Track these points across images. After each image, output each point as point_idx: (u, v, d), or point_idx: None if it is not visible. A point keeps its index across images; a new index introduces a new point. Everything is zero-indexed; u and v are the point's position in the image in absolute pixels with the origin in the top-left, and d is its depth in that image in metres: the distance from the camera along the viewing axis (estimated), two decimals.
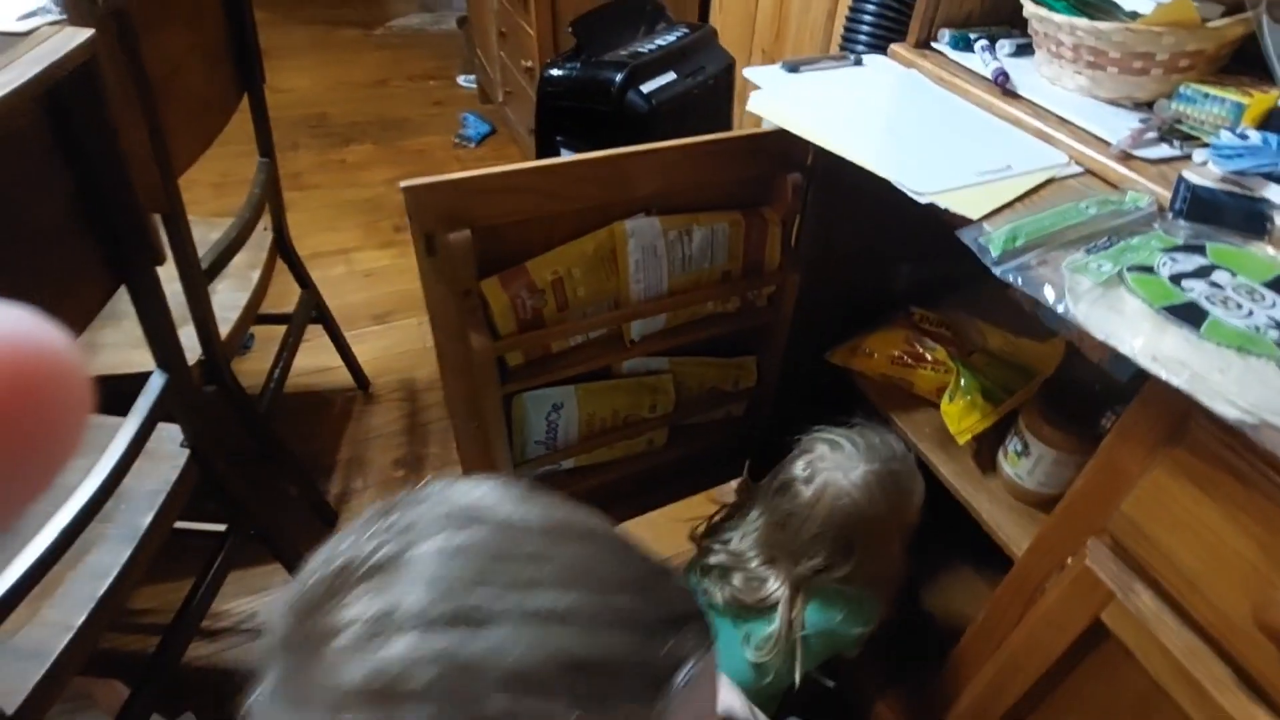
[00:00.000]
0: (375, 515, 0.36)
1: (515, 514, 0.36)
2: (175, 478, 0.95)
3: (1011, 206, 0.68)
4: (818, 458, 0.94)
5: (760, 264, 1.01)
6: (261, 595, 1.33)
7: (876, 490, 0.90)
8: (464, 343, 0.86)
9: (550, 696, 0.30)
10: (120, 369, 1.10)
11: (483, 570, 0.32)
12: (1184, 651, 0.63)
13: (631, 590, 0.34)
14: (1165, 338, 0.55)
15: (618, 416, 1.08)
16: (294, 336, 1.44)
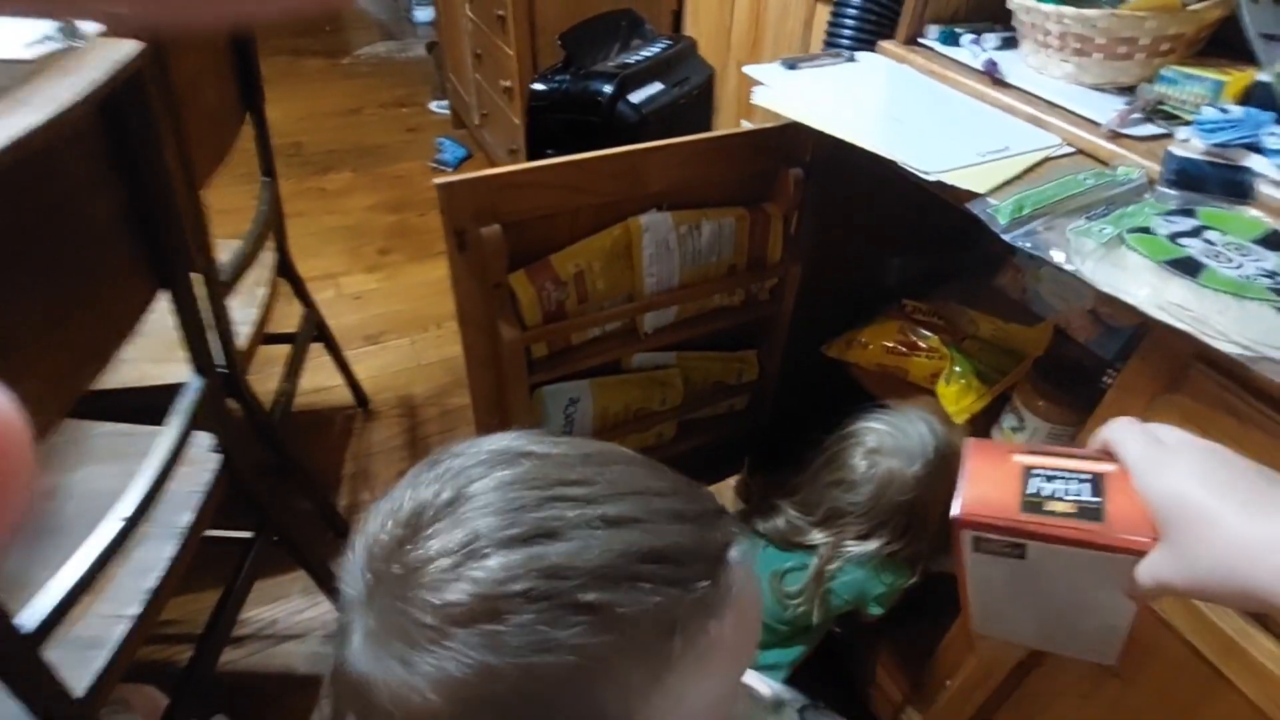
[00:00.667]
0: (420, 470, 0.39)
1: (553, 449, 0.40)
2: (209, 480, 0.96)
3: (1012, 183, 0.72)
4: (876, 450, 0.97)
5: (763, 258, 1.05)
6: (281, 603, 1.34)
7: (936, 480, 0.94)
8: (493, 335, 0.88)
9: (633, 585, 0.34)
10: (140, 382, 1.12)
11: (541, 494, 0.36)
12: (1240, 631, 0.63)
13: (672, 494, 0.39)
14: (1169, 287, 0.60)
15: (630, 410, 1.10)
16: (299, 353, 1.45)
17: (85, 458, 1.00)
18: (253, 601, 1.33)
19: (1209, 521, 0.36)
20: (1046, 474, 0.44)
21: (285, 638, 1.31)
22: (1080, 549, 0.42)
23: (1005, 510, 0.43)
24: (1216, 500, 0.36)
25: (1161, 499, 0.38)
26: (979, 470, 0.46)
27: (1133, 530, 0.40)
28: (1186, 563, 0.37)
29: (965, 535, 0.46)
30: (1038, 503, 0.43)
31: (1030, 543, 0.44)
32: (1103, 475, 0.43)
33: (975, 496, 0.44)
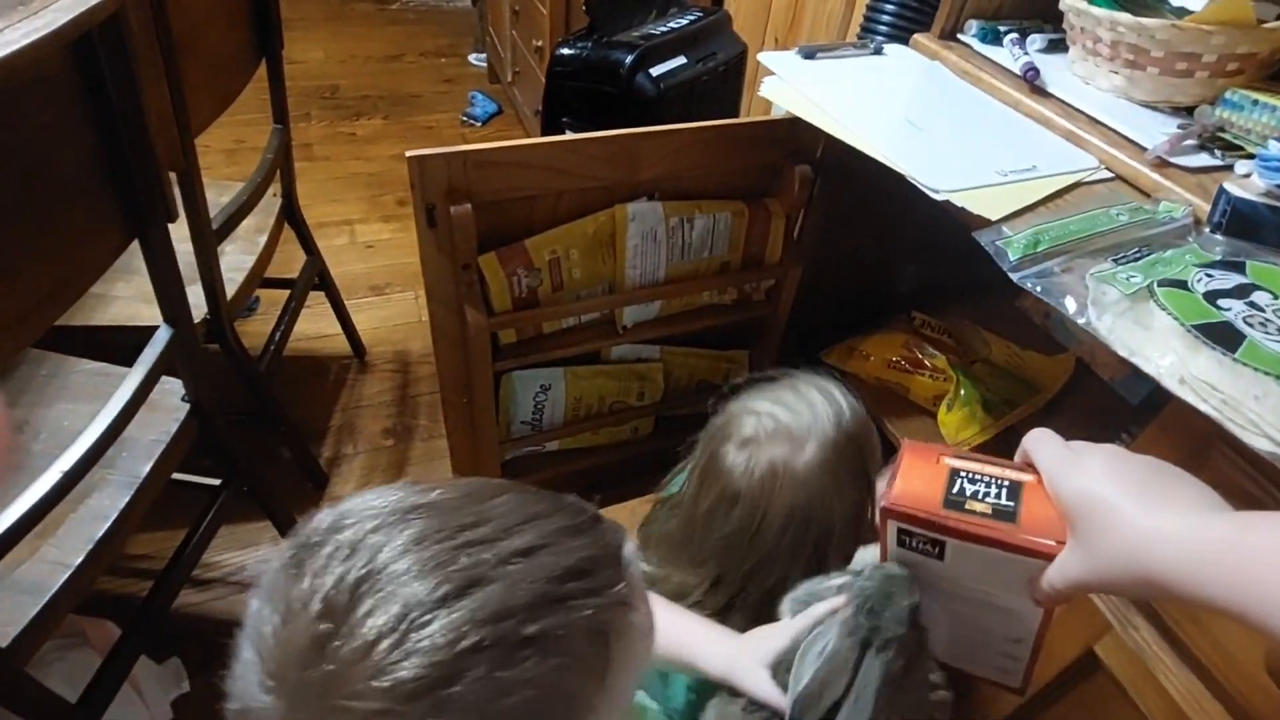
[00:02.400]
0: (297, 562, 0.36)
1: (434, 496, 0.38)
2: (175, 430, 0.93)
3: (1034, 210, 0.61)
4: (752, 439, 0.64)
5: (760, 257, 0.95)
6: (251, 550, 1.31)
7: (839, 471, 0.63)
8: (460, 316, 0.81)
9: (563, 606, 0.34)
10: (129, 321, 1.11)
11: (451, 545, 0.35)
12: (1181, 692, 0.58)
13: (556, 512, 0.38)
14: (1197, 358, 0.49)
15: (604, 402, 1.02)
16: (296, 301, 1.40)
17: (62, 394, 0.98)
18: (223, 546, 1.30)
19: (1112, 515, 0.37)
20: (970, 477, 0.46)
21: (250, 585, 1.27)
22: (992, 549, 0.44)
23: (929, 505, 0.45)
24: (1119, 495, 0.37)
25: (1071, 497, 0.40)
26: (911, 467, 0.47)
27: (1041, 533, 0.42)
28: (1092, 557, 0.38)
29: (891, 527, 0.48)
30: (959, 501, 0.45)
31: (949, 541, 0.46)
32: (1021, 484, 0.44)
33: (904, 490, 0.46)
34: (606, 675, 0.36)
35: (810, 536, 0.65)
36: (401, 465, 1.48)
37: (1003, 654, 0.52)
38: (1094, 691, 0.65)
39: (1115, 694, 0.62)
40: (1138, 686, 0.60)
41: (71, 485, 0.73)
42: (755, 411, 0.66)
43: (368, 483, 1.44)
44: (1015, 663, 0.51)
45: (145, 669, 1.09)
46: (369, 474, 1.46)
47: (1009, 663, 0.52)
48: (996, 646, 0.51)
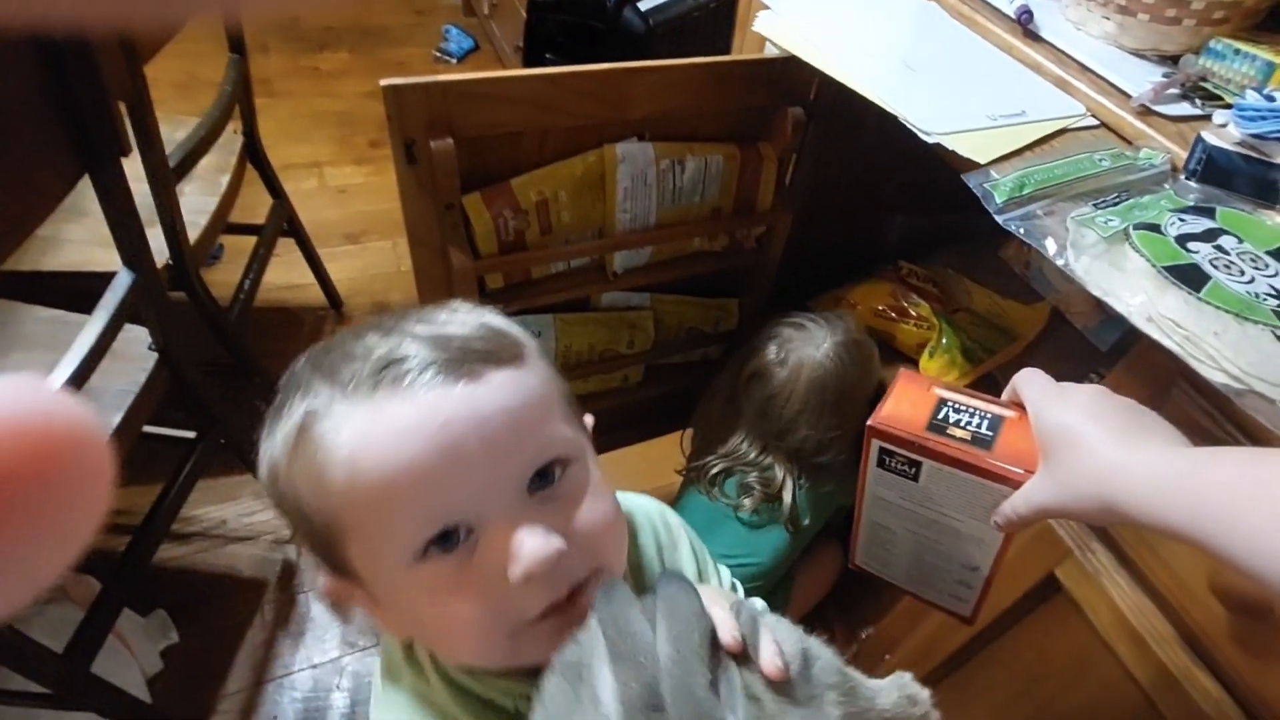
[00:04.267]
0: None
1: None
2: (144, 380, 0.93)
3: (1021, 154, 0.65)
4: (785, 340, 0.97)
5: (752, 202, 0.98)
6: (231, 504, 1.34)
7: (846, 358, 0.95)
8: (444, 259, 0.83)
9: None
10: (83, 266, 1.10)
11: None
12: (1132, 608, 0.64)
13: None
14: (1165, 298, 0.54)
15: (594, 350, 1.06)
16: (265, 248, 1.39)
17: (16, 343, 0.97)
18: (203, 500, 1.32)
19: (1086, 446, 0.42)
20: (956, 406, 0.51)
21: (233, 539, 1.31)
22: (964, 473, 0.49)
23: (912, 427, 0.50)
24: (1094, 429, 0.42)
25: (1050, 427, 0.44)
26: (904, 392, 0.53)
27: (1012, 462, 0.47)
28: (1059, 483, 0.43)
29: (874, 446, 0.53)
30: (941, 426, 0.50)
31: (925, 463, 0.51)
32: (1003, 418, 0.50)
33: (892, 411, 0.52)
34: None
35: (829, 400, 0.95)
36: None
37: (959, 582, 0.57)
38: (1053, 611, 0.72)
39: (1072, 613, 0.69)
40: (1093, 605, 0.66)
41: None
42: (780, 333, 0.97)
43: None
44: (970, 591, 0.57)
45: (130, 622, 1.13)
46: None
47: (964, 590, 0.57)
48: (954, 574, 0.57)
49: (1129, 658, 0.64)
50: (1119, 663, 0.65)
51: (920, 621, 0.92)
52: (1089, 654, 0.69)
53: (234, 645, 1.18)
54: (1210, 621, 0.58)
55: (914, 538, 0.58)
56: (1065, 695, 0.75)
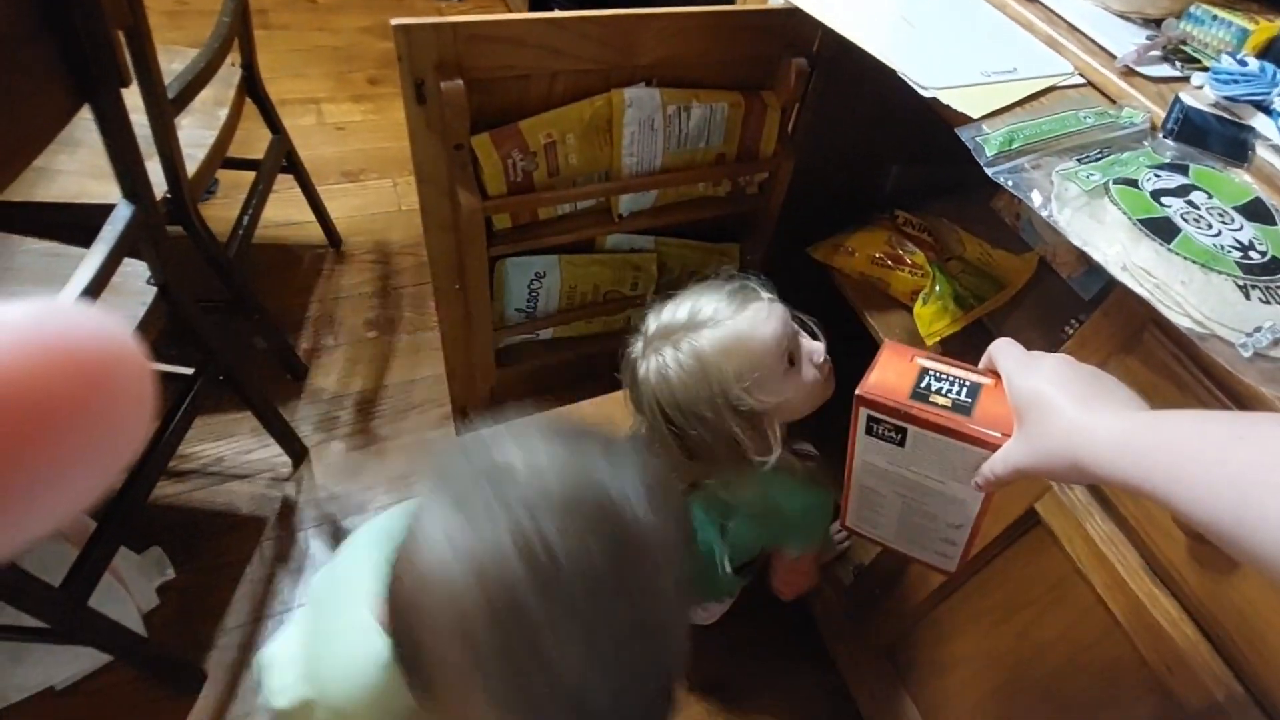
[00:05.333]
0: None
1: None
2: (142, 314, 0.93)
3: (1012, 110, 0.70)
4: (640, 335, 0.84)
5: (755, 149, 1.02)
6: (228, 441, 1.36)
7: (687, 371, 0.79)
8: (451, 199, 0.87)
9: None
10: (78, 198, 1.09)
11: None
12: (1104, 538, 0.71)
13: None
14: (1139, 248, 0.59)
15: (599, 291, 1.11)
16: (264, 183, 1.40)
17: (8, 276, 0.97)
18: (201, 437, 1.34)
19: (1054, 410, 0.47)
20: (937, 375, 0.56)
21: (231, 476, 1.32)
22: (947, 438, 0.53)
23: (898, 395, 0.55)
24: (1061, 395, 0.47)
25: (1022, 393, 0.49)
26: (888, 363, 0.58)
27: (990, 426, 0.52)
28: (1033, 445, 0.48)
29: (862, 414, 0.58)
30: (924, 395, 0.55)
31: (910, 429, 0.56)
32: (981, 385, 0.55)
33: (877, 381, 0.57)
34: None
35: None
36: (386, 358, 1.53)
37: (944, 539, 0.63)
38: (1033, 543, 0.79)
39: (1050, 544, 0.75)
40: (1068, 535, 0.73)
41: None
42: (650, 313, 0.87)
43: (351, 375, 1.50)
44: (953, 547, 0.62)
45: (127, 559, 1.13)
46: (352, 366, 1.51)
47: (948, 547, 0.63)
48: (939, 532, 0.62)
49: (1101, 584, 0.71)
50: (1091, 589, 0.72)
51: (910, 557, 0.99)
52: (1065, 582, 0.76)
53: (232, 582, 1.19)
54: (1173, 548, 0.64)
55: (901, 500, 0.63)
56: (1042, 620, 0.82)
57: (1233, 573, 0.61)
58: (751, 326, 0.79)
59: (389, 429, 1.43)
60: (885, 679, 1.13)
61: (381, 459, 1.39)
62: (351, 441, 1.40)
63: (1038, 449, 0.48)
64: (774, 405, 0.82)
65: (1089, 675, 0.77)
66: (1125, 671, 0.71)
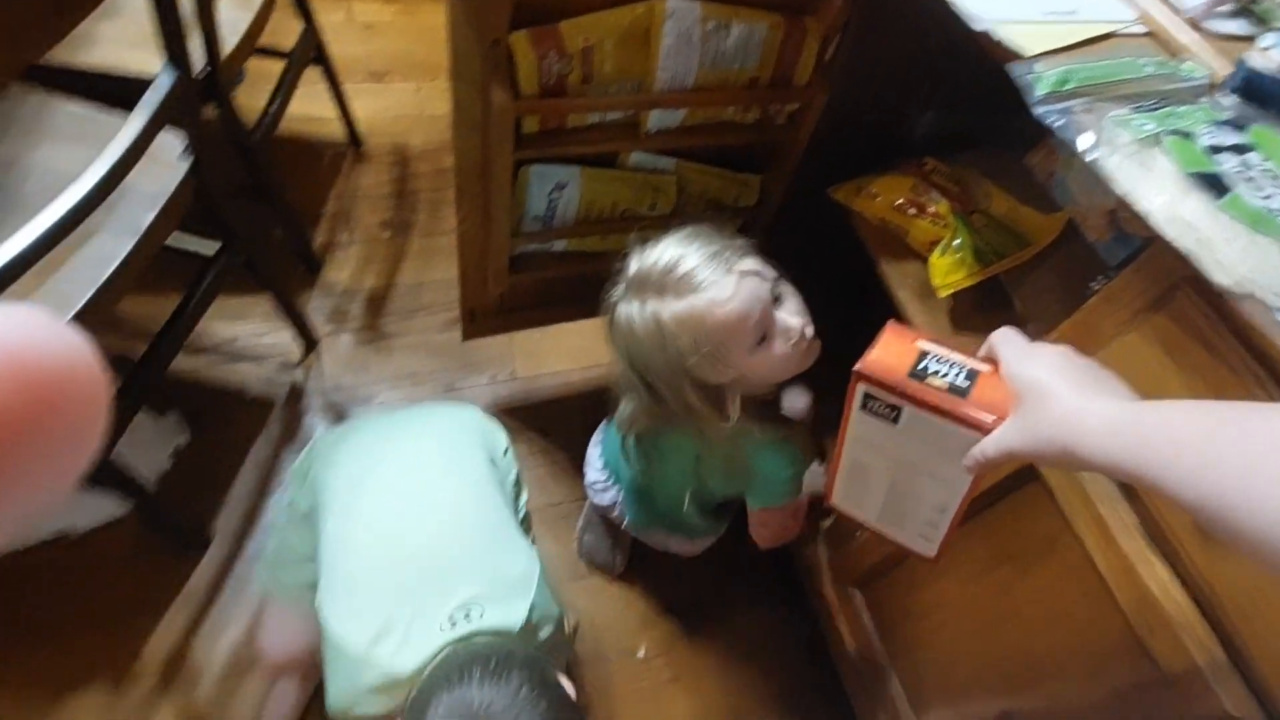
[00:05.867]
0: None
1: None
2: (176, 184, 0.93)
3: (1068, 52, 0.65)
4: (623, 274, 0.82)
5: (789, 77, 0.97)
6: (244, 322, 1.36)
7: (648, 332, 0.78)
8: (484, 98, 0.82)
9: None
10: (116, 66, 1.07)
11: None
12: (1101, 496, 0.69)
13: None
14: (1186, 201, 0.56)
15: (616, 208, 1.07)
16: (292, 73, 1.36)
17: (48, 134, 0.97)
18: (217, 316, 1.34)
19: (1054, 395, 0.47)
20: (936, 358, 0.56)
21: (243, 357, 1.34)
22: (940, 418, 0.53)
23: (895, 374, 0.55)
24: (1062, 382, 0.47)
25: (1023, 379, 0.50)
26: (889, 343, 0.57)
27: (985, 410, 0.51)
28: (1027, 429, 0.48)
29: (859, 389, 0.57)
30: (922, 375, 0.55)
31: (905, 407, 0.55)
32: (979, 371, 0.54)
33: (877, 359, 0.56)
34: None
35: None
36: (399, 259, 1.52)
37: (927, 522, 0.62)
38: (1026, 497, 0.77)
39: (1045, 499, 0.74)
40: (1065, 492, 0.71)
41: (77, 222, 0.75)
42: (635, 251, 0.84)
43: (363, 273, 1.49)
44: (935, 531, 0.62)
45: (144, 421, 1.17)
46: (365, 263, 1.50)
47: (930, 531, 0.63)
48: (923, 515, 0.61)
49: (1092, 543, 0.70)
50: (1081, 547, 0.71)
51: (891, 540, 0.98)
52: (1055, 539, 0.74)
53: (239, 456, 1.22)
54: (1172, 512, 0.63)
55: (890, 478, 0.62)
56: (1025, 575, 0.81)
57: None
58: (716, 303, 0.76)
59: (396, 327, 1.43)
60: (856, 617, 1.13)
61: (388, 355, 1.40)
62: (360, 336, 1.41)
63: (1031, 433, 0.48)
64: (733, 379, 0.82)
65: (1065, 632, 0.77)
66: (1104, 631, 0.71)
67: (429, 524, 0.77)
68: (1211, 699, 0.60)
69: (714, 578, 1.25)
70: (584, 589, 1.22)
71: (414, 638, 0.69)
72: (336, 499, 0.78)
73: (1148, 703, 0.67)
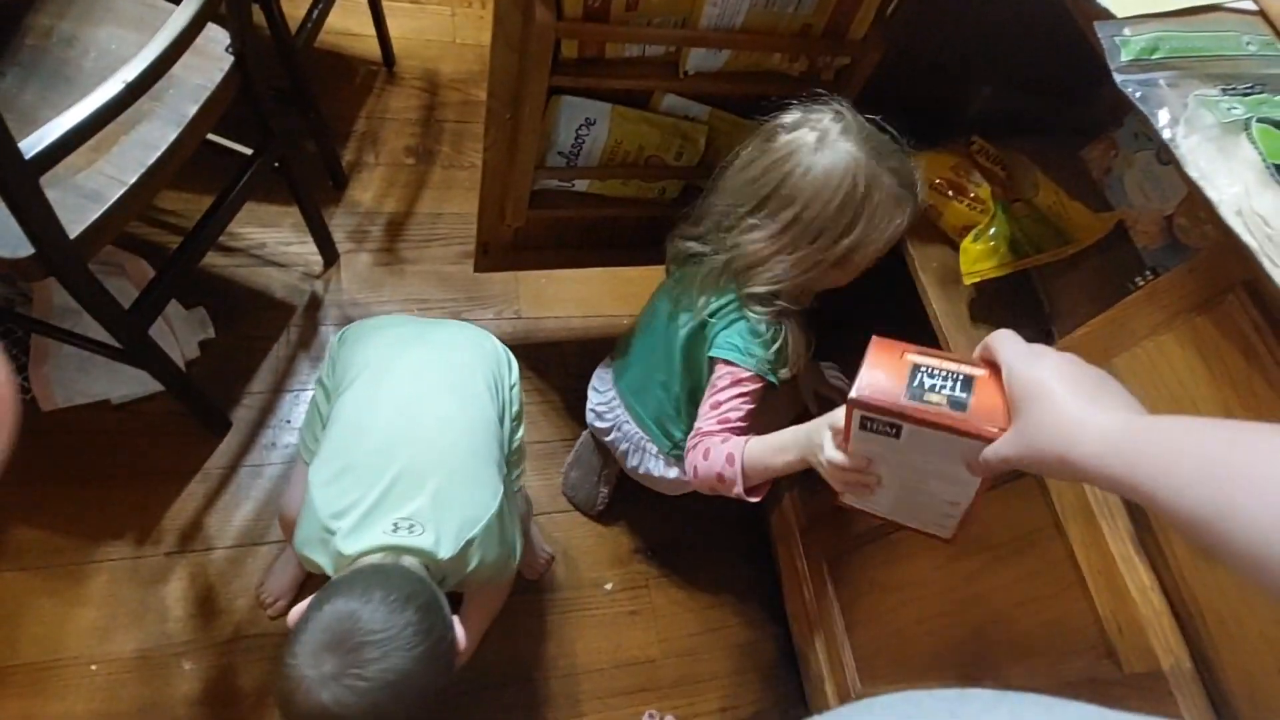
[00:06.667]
0: None
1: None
2: (219, 80, 0.94)
3: (1162, 19, 0.58)
4: (816, 119, 0.83)
5: (845, 29, 0.90)
6: (272, 229, 1.37)
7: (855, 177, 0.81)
8: (527, 13, 0.77)
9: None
10: None
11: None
12: (1098, 497, 0.66)
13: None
14: (1263, 194, 0.50)
15: (642, 153, 1.01)
16: None
17: (109, 17, 0.97)
18: (247, 220, 1.35)
19: (1054, 403, 0.44)
20: (930, 371, 0.53)
21: (270, 262, 1.35)
22: (943, 432, 0.52)
23: (892, 396, 0.53)
24: (1064, 390, 0.45)
25: (1024, 384, 0.47)
26: (877, 362, 0.55)
27: (986, 420, 0.50)
28: (1024, 438, 0.46)
29: (856, 414, 0.56)
30: (919, 393, 0.53)
31: (906, 425, 0.54)
32: (974, 378, 0.52)
33: (870, 382, 0.54)
34: None
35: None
36: (420, 186, 1.50)
37: (942, 514, 0.61)
38: (1016, 490, 0.74)
39: (1036, 492, 0.71)
40: (1059, 487, 0.68)
41: (129, 102, 0.76)
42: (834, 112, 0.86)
43: (386, 195, 1.47)
44: (950, 519, 0.61)
45: (176, 311, 1.21)
46: (388, 187, 1.48)
47: (946, 520, 0.61)
48: (937, 509, 0.60)
49: (1077, 539, 0.67)
50: (1065, 543, 0.68)
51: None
52: (1037, 534, 0.72)
53: (261, 354, 1.27)
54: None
55: (899, 480, 0.61)
56: (996, 567, 0.78)
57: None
58: (907, 216, 0.89)
59: (412, 254, 1.43)
60: (819, 582, 1.12)
61: (401, 279, 1.41)
62: (378, 257, 1.41)
63: (1028, 442, 0.46)
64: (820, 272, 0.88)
65: (1030, 624, 0.75)
66: (1071, 627, 0.69)
67: (420, 429, 0.80)
68: (1169, 705, 0.58)
69: (690, 527, 1.29)
70: (563, 521, 1.26)
71: (363, 526, 0.72)
72: (355, 381, 0.83)
73: (1101, 700, 0.64)
